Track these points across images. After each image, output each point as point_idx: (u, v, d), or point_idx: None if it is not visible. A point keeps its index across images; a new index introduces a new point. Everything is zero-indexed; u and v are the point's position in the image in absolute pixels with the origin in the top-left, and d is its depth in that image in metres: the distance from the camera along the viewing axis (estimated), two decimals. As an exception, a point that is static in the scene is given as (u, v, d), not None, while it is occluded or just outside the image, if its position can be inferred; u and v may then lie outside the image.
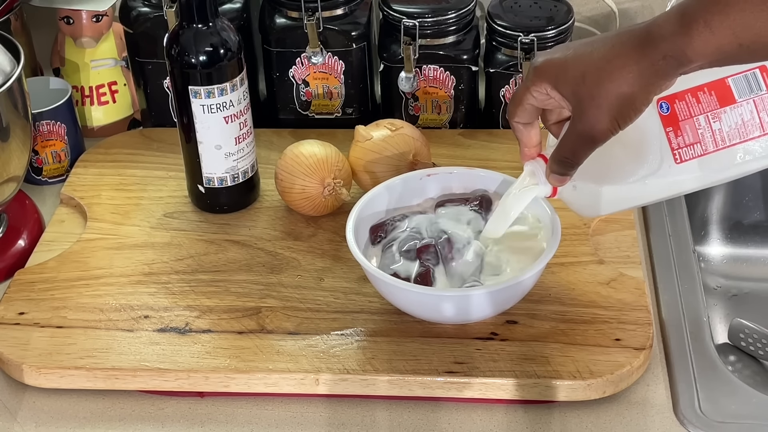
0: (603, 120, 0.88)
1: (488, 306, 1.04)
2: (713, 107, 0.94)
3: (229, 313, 1.10)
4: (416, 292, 1.03)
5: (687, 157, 0.94)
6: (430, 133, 1.30)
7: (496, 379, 1.01)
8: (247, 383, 1.03)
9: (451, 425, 1.01)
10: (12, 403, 1.05)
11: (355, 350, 1.05)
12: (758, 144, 0.94)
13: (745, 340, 1.20)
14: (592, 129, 0.89)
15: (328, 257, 1.17)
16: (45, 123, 1.31)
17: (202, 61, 1.15)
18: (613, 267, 1.13)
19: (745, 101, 0.94)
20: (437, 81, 1.32)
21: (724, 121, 0.94)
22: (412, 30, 1.29)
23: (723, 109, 0.94)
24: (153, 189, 1.28)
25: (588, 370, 1.01)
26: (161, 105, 1.38)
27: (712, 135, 0.94)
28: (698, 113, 0.94)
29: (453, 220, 1.10)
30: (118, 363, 1.05)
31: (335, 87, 1.36)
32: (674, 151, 0.94)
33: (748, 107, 0.94)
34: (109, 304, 1.12)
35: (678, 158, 0.94)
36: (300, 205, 1.21)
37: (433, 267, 1.05)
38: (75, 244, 1.20)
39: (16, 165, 1.18)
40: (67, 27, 1.38)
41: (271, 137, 1.35)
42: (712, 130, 0.94)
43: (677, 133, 0.94)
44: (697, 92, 0.94)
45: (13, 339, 1.08)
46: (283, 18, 1.33)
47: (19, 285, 1.15)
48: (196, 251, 1.19)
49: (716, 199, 1.36)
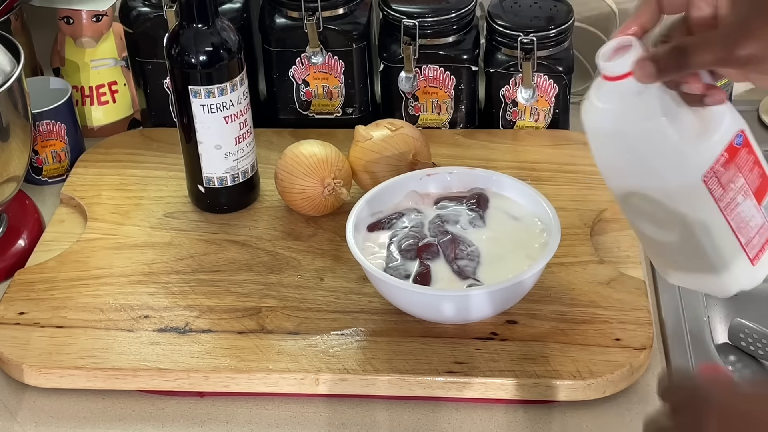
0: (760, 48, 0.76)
1: (488, 306, 1.04)
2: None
3: (229, 313, 1.10)
4: (416, 292, 1.03)
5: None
6: (430, 133, 1.30)
7: (496, 379, 1.01)
8: (247, 383, 1.03)
9: (451, 425, 1.01)
10: (12, 403, 1.05)
11: (355, 350, 1.05)
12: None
13: (745, 340, 1.20)
14: (742, 47, 0.76)
15: (328, 257, 1.17)
16: (45, 123, 1.31)
17: (202, 61, 1.15)
18: (613, 267, 1.13)
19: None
20: (437, 81, 1.32)
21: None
22: (412, 30, 1.29)
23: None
24: (153, 189, 1.28)
25: (588, 370, 1.01)
26: (161, 105, 1.38)
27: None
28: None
29: (452, 219, 1.10)
30: (118, 363, 1.05)
31: (335, 87, 1.36)
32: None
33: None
34: (109, 304, 1.12)
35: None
36: (300, 205, 1.21)
37: (432, 266, 1.06)
38: (75, 244, 1.20)
39: (16, 165, 1.18)
40: (67, 27, 1.38)
41: (271, 137, 1.35)
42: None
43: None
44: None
45: (13, 339, 1.08)
46: (283, 18, 1.33)
47: (19, 285, 1.15)
48: (196, 251, 1.19)
49: (716, 199, 1.36)
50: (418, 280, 1.04)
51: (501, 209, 1.12)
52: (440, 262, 1.06)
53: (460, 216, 1.11)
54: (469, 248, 1.07)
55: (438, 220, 1.10)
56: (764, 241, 0.91)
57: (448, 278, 1.05)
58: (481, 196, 1.12)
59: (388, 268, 1.06)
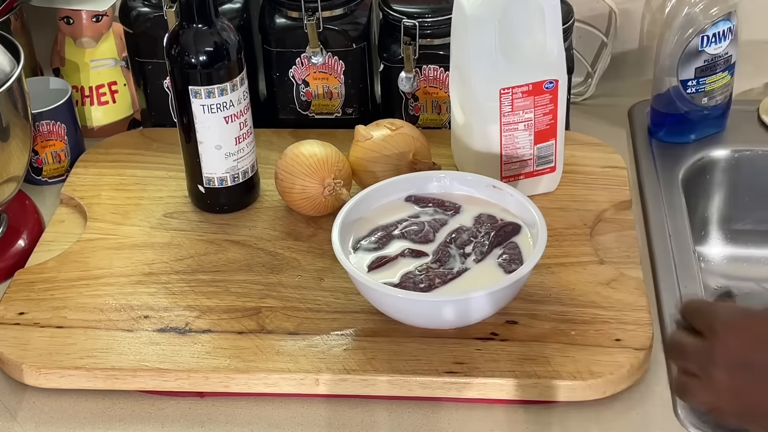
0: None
1: (481, 309, 1.04)
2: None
3: (229, 313, 1.10)
4: (409, 299, 1.02)
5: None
6: (430, 133, 1.30)
7: (496, 379, 1.01)
8: (247, 383, 1.03)
9: (451, 425, 1.01)
10: (12, 403, 1.05)
11: (355, 350, 1.05)
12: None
13: (745, 340, 1.20)
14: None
15: (328, 257, 1.16)
16: (45, 123, 1.31)
17: (202, 61, 1.15)
18: (613, 267, 1.13)
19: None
20: (437, 81, 1.32)
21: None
22: (412, 30, 1.29)
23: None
24: (153, 189, 1.28)
25: (588, 370, 1.01)
26: (161, 105, 1.38)
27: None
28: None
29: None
30: (118, 363, 1.05)
31: (335, 87, 1.36)
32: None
33: None
34: (109, 304, 1.12)
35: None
36: (300, 205, 1.21)
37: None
38: (75, 244, 1.20)
39: (16, 165, 1.18)
40: (67, 27, 1.38)
41: (271, 137, 1.35)
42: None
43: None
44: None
45: (13, 339, 1.08)
46: (283, 18, 1.33)
47: (19, 285, 1.15)
48: (196, 251, 1.19)
49: (716, 200, 1.36)
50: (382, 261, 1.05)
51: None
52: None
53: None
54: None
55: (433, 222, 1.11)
56: None
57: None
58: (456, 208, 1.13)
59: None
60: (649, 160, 1.33)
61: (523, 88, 1.16)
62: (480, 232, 1.09)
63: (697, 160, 1.33)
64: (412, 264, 1.06)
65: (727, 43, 1.30)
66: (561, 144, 1.22)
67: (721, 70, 1.31)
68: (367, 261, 1.07)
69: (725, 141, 1.36)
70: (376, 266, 1.06)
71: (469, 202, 1.13)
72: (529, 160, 1.20)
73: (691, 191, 1.31)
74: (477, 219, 1.11)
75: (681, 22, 1.28)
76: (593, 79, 1.46)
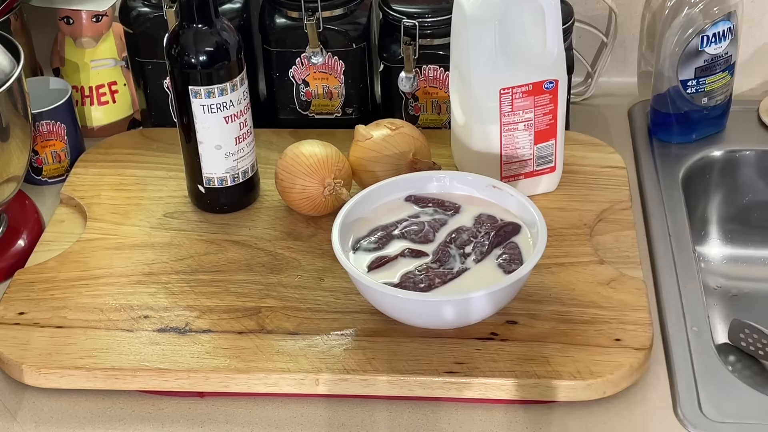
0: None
1: (480, 309, 1.04)
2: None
3: (229, 313, 1.10)
4: (409, 299, 1.02)
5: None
6: (430, 133, 1.30)
7: (496, 379, 1.01)
8: (247, 383, 1.03)
9: (451, 425, 1.01)
10: (12, 403, 1.05)
11: (355, 350, 1.05)
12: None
13: (745, 340, 1.20)
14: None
15: (328, 257, 1.16)
16: (45, 123, 1.31)
17: (202, 61, 1.15)
18: (613, 267, 1.13)
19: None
20: (437, 81, 1.32)
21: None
22: (412, 30, 1.29)
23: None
24: (153, 189, 1.28)
25: (588, 370, 1.01)
26: (161, 105, 1.38)
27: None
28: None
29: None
30: (118, 363, 1.05)
31: (335, 87, 1.36)
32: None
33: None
34: (109, 304, 1.12)
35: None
36: (300, 205, 1.21)
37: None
38: (75, 244, 1.20)
39: (16, 165, 1.18)
40: (67, 27, 1.39)
41: (271, 137, 1.35)
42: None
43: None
44: None
45: (13, 339, 1.08)
46: (283, 18, 1.33)
47: (19, 285, 1.15)
48: (196, 251, 1.19)
49: (716, 200, 1.36)
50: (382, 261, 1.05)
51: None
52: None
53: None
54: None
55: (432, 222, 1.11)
56: None
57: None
58: (456, 209, 1.12)
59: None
60: (649, 160, 1.33)
61: (523, 88, 1.16)
62: (480, 232, 1.09)
63: (697, 160, 1.33)
64: (412, 264, 1.06)
65: (727, 43, 1.30)
66: (561, 144, 1.22)
67: (721, 70, 1.31)
68: (366, 261, 1.07)
69: (725, 141, 1.36)
70: (376, 266, 1.06)
71: (469, 202, 1.13)
72: (529, 160, 1.20)
73: (691, 191, 1.31)
74: (477, 219, 1.11)
75: (681, 22, 1.28)
76: (593, 79, 1.46)
